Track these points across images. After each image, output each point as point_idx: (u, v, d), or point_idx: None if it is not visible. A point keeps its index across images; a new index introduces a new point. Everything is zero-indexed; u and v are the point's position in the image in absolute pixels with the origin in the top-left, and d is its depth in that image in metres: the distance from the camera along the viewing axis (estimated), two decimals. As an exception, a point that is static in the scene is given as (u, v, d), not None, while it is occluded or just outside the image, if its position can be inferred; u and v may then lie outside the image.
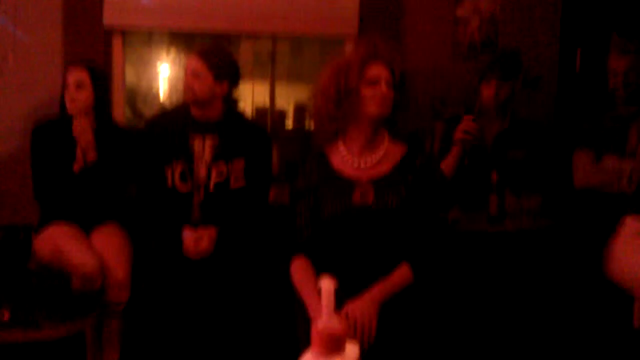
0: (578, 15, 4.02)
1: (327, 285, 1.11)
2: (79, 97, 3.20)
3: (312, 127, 2.33)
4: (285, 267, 2.41)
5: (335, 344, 1.13)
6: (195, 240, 2.97)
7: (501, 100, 3.20)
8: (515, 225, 3.03)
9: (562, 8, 4.01)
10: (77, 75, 3.21)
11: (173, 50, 4.77)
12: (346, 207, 2.28)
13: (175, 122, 3.11)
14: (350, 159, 2.36)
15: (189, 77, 3.03)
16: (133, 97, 4.55)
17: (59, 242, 3.06)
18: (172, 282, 3.03)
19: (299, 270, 2.35)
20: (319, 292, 1.13)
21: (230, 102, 3.20)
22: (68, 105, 3.20)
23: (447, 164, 3.12)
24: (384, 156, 2.35)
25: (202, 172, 3.05)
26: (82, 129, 3.16)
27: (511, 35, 3.92)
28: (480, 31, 3.95)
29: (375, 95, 2.27)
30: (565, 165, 3.12)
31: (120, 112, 3.98)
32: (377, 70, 2.29)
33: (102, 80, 3.31)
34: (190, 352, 3.04)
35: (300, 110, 4.72)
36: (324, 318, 1.12)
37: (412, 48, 3.89)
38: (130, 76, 4.38)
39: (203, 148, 3.05)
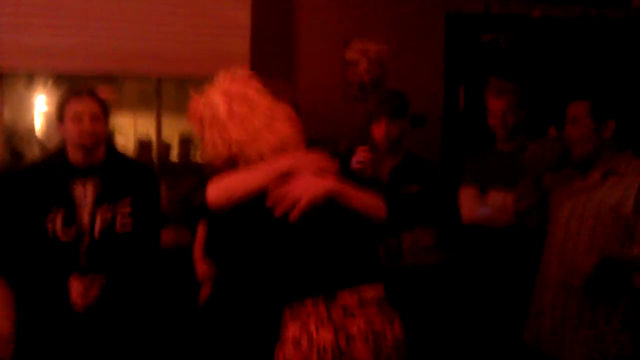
0: (460, 56, 4.22)
1: None
2: None
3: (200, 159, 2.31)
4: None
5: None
6: (84, 289, 2.82)
7: (392, 138, 3.27)
8: (413, 260, 3.08)
9: (445, 49, 4.19)
10: None
11: (54, 92, 4.61)
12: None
13: (52, 168, 2.96)
14: None
15: (89, 121, 2.88)
16: (12, 139, 4.34)
17: None
18: (58, 335, 2.87)
19: None
20: None
21: (110, 142, 3.10)
22: None
23: None
24: None
25: (85, 218, 2.90)
26: None
27: (398, 75, 4.05)
28: (368, 72, 4.06)
29: None
30: (453, 201, 3.21)
31: (-2, 155, 3.79)
32: None
33: None
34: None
35: (186, 143, 4.66)
36: None
37: (304, 89, 3.94)
38: (7, 117, 4.19)
39: (85, 194, 2.92)
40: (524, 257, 2.79)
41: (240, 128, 1.98)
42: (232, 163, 2.02)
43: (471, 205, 3.10)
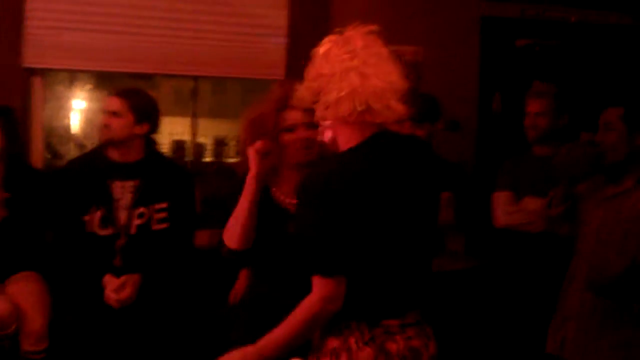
0: (495, 61, 4.19)
1: None
2: None
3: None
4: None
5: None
6: (118, 287, 2.87)
7: None
8: (440, 265, 3.06)
9: (480, 54, 4.17)
10: None
11: (93, 90, 4.69)
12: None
13: (92, 166, 3.03)
14: (284, 200, 2.24)
15: (107, 117, 2.97)
16: (52, 138, 4.43)
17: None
18: (92, 331, 2.92)
19: None
20: None
21: (150, 143, 3.13)
22: None
23: None
24: None
25: (122, 217, 2.97)
26: None
27: (433, 79, 4.02)
28: (403, 76, 4.04)
29: (295, 141, 2.15)
30: (485, 206, 3.18)
31: (39, 153, 3.85)
32: (293, 116, 2.15)
33: (12, 122, 3.15)
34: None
35: (220, 144, 4.70)
36: None
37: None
38: (49, 116, 4.27)
39: (123, 192, 2.98)
40: (554, 265, 2.76)
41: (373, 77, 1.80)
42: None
43: (505, 209, 3.07)
